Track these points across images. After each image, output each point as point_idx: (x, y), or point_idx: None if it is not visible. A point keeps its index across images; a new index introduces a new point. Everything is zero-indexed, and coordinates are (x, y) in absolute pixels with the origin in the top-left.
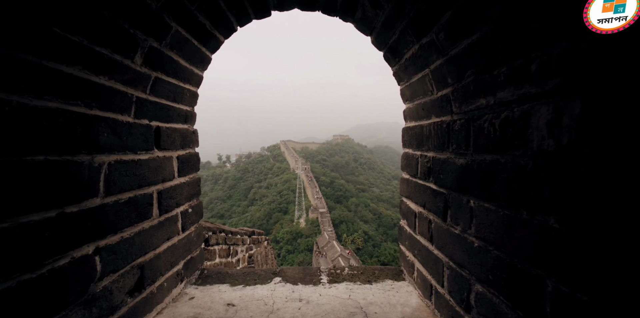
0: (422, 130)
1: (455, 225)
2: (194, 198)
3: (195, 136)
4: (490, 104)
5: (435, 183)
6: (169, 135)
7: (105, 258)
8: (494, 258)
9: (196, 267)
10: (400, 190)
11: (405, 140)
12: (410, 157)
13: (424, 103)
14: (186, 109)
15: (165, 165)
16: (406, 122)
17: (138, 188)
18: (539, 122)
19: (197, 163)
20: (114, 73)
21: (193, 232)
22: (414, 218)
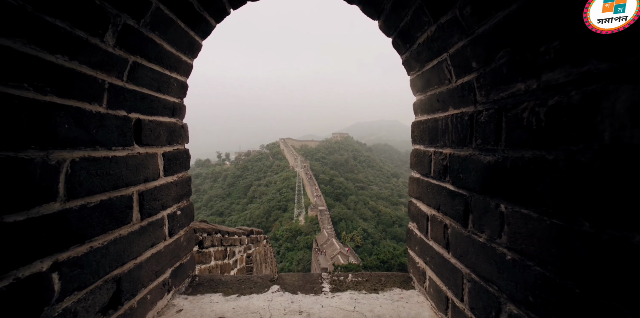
0: (437, 124)
1: (478, 232)
2: (183, 200)
3: (185, 131)
4: (531, 88)
5: (452, 184)
6: (152, 130)
7: (68, 274)
8: (535, 276)
9: (186, 274)
10: (409, 191)
11: (416, 135)
12: (422, 154)
13: (439, 93)
14: (173, 101)
15: (148, 163)
16: (416, 115)
17: (113, 189)
18: (616, 107)
19: (186, 161)
20: (77, 53)
21: (182, 237)
22: (425, 221)
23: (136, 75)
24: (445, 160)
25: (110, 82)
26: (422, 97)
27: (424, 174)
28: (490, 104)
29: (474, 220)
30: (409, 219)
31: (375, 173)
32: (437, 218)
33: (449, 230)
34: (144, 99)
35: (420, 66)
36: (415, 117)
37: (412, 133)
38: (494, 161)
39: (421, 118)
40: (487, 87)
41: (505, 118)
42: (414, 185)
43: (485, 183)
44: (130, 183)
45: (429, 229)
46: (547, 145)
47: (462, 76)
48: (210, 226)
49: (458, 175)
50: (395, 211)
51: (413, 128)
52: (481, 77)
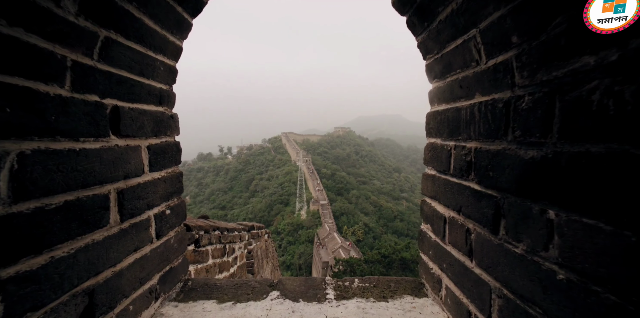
0: (459, 114)
1: (514, 241)
2: (173, 197)
3: (175, 122)
4: (607, 61)
5: (479, 183)
6: (134, 119)
7: (16, 294)
8: (608, 307)
9: (178, 278)
10: (422, 189)
11: (431, 128)
12: (439, 149)
13: (462, 78)
14: (160, 87)
15: (129, 156)
16: (433, 105)
17: (83, 188)
18: None
19: (177, 154)
20: (20, 17)
21: (173, 238)
22: (442, 223)
23: (111, 54)
24: (470, 156)
25: (75, 59)
26: (440, 84)
27: (441, 171)
28: (535, 87)
29: (507, 227)
30: (409, 214)
31: (377, 168)
32: (457, 221)
33: (473, 235)
34: (122, 83)
35: (440, 48)
36: (431, 107)
37: (427, 125)
38: (539, 157)
39: (438, 108)
40: (533, 66)
41: (560, 103)
42: (428, 183)
43: (525, 183)
44: (106, 181)
45: (446, 233)
46: (632, 136)
47: (496, 55)
48: (208, 223)
49: (486, 173)
50: (397, 206)
51: (428, 119)
52: (524, 54)
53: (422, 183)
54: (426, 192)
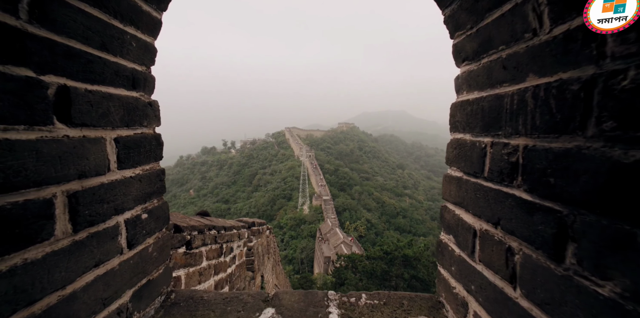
0: (500, 103)
1: (594, 276)
2: (152, 199)
3: (154, 110)
4: None
5: (530, 192)
6: (94, 104)
7: None
8: None
9: (158, 291)
10: (443, 192)
11: (458, 121)
12: (468, 147)
13: (509, 56)
14: (133, 68)
15: (85, 151)
16: (460, 94)
17: (6, 192)
18: None
19: (156, 149)
20: None
21: (152, 246)
22: (470, 236)
23: (52, 15)
24: (515, 156)
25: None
26: (472, 67)
27: (470, 173)
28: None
29: (580, 255)
30: (412, 211)
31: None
32: (494, 237)
33: (518, 257)
34: (73, 58)
35: (476, 20)
36: (458, 96)
37: (452, 118)
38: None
39: (468, 96)
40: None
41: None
42: (451, 187)
43: (620, 198)
44: (49, 181)
45: (476, 248)
46: None
47: (569, 18)
48: (203, 222)
49: (544, 179)
50: (400, 202)
51: (454, 111)
52: None
53: (444, 187)
54: (448, 197)
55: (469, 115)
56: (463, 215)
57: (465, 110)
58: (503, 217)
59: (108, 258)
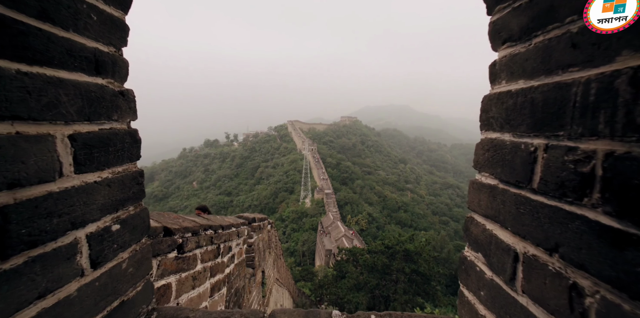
0: (563, 94)
1: None
2: (127, 206)
3: (127, 101)
4: None
5: (618, 217)
6: (33, 91)
7: None
8: None
9: (136, 312)
10: (469, 201)
11: (493, 117)
12: (508, 149)
13: (583, 30)
14: (96, 47)
15: (21, 152)
16: (497, 84)
17: None
18: None
19: (132, 147)
20: None
21: (126, 261)
22: (509, 260)
23: None
24: (589, 165)
25: None
26: (518, 48)
27: (510, 182)
28: None
29: None
30: (414, 205)
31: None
32: (547, 266)
33: (592, 302)
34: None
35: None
36: (493, 87)
37: (484, 113)
38: None
39: (510, 87)
40: None
41: None
42: (481, 196)
43: None
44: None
45: (517, 275)
46: None
47: None
48: (198, 222)
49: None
50: (401, 196)
51: (487, 105)
52: None
53: (471, 195)
54: (477, 207)
55: (510, 110)
56: (497, 232)
57: (504, 104)
58: (564, 244)
59: (61, 284)
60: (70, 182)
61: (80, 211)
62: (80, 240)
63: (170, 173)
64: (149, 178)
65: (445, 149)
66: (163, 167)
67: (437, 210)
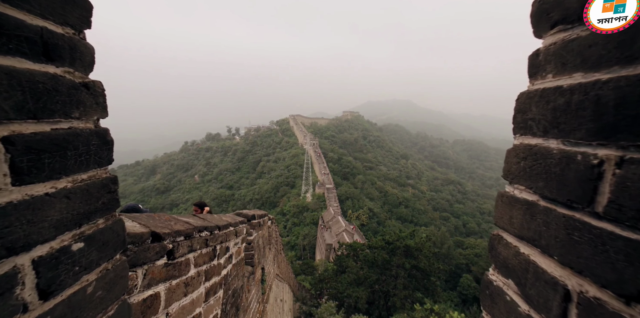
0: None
1: None
2: (94, 219)
3: (94, 95)
4: None
5: None
6: None
7: None
8: None
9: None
10: (496, 216)
11: (534, 118)
12: (556, 159)
13: None
14: (41, 26)
15: None
16: (539, 79)
17: None
18: None
19: (100, 149)
20: None
21: (93, 284)
22: (556, 297)
23: None
24: None
25: None
26: (574, 32)
27: (558, 201)
28: None
29: None
30: (415, 201)
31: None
32: (619, 315)
33: None
34: None
35: None
36: (534, 82)
37: (520, 114)
38: None
39: (560, 81)
40: None
41: None
42: (515, 213)
43: None
44: None
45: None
46: None
47: None
48: (192, 224)
49: None
50: (402, 192)
51: (525, 104)
52: None
53: (499, 209)
54: (507, 225)
55: (561, 110)
56: (537, 259)
57: (550, 104)
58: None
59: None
60: (5, 197)
61: (21, 232)
62: (21, 268)
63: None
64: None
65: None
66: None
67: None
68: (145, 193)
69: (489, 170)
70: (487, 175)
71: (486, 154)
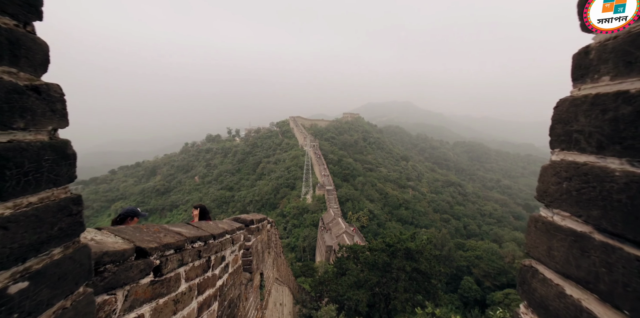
0: None
1: None
2: (47, 250)
3: (47, 101)
4: None
5: None
6: None
7: None
8: None
9: None
10: (529, 245)
11: (581, 130)
12: (622, 184)
13: None
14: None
15: None
16: (588, 82)
17: None
18: None
19: (57, 165)
20: None
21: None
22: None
23: None
24: None
25: None
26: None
27: (623, 237)
28: None
29: None
30: (415, 202)
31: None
32: None
33: None
34: None
35: None
36: (583, 86)
37: (563, 125)
38: None
39: (627, 85)
40: None
41: None
42: (555, 243)
43: None
44: None
45: None
46: None
47: None
48: (184, 235)
49: None
50: (403, 194)
51: (570, 112)
52: None
53: (532, 237)
54: (544, 257)
55: (626, 122)
56: (594, 307)
57: (609, 113)
58: None
59: None
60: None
61: None
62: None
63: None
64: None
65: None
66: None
67: (438, 208)
68: (145, 195)
69: (489, 171)
70: (488, 177)
71: (487, 155)
